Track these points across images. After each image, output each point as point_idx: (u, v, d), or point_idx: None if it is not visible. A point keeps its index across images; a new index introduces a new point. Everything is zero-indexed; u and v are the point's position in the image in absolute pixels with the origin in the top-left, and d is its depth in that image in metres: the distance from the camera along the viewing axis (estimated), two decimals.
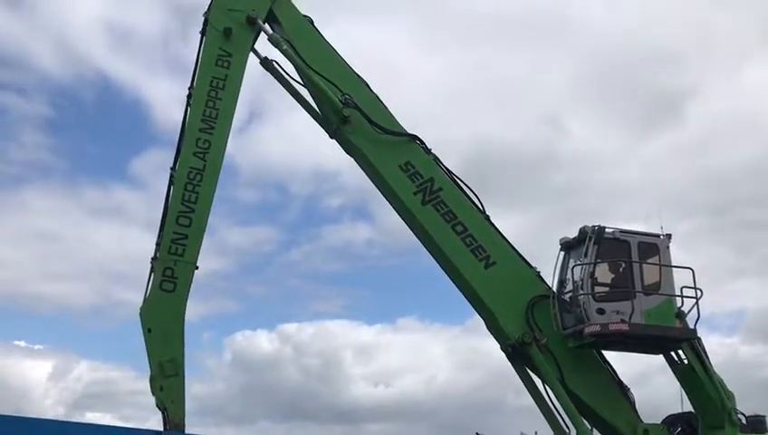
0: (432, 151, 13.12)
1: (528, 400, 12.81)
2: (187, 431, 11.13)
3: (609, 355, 13.15)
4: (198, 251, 11.76)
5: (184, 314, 11.52)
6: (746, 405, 12.97)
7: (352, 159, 13.26)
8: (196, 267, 11.73)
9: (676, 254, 12.87)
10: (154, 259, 11.45)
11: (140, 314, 11.21)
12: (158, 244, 11.63)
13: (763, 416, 12.87)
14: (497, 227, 13.08)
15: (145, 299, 11.32)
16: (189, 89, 12.22)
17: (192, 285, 11.58)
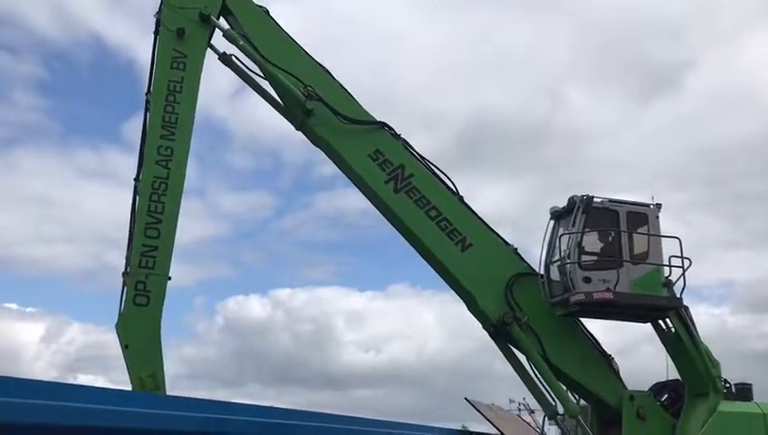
0: (401, 136, 12.87)
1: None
2: (177, 394, 11.27)
3: (597, 325, 13.26)
4: (169, 262, 11.58)
5: (160, 327, 11.46)
6: (733, 374, 13.06)
7: None
8: (169, 278, 11.60)
9: (671, 225, 12.83)
10: (125, 274, 11.32)
11: (116, 329, 11.18)
12: (127, 257, 11.47)
13: (749, 384, 12.97)
14: (472, 207, 12.95)
15: (120, 314, 11.25)
16: (146, 94, 11.85)
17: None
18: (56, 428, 7.77)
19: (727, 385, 12.62)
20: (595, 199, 12.55)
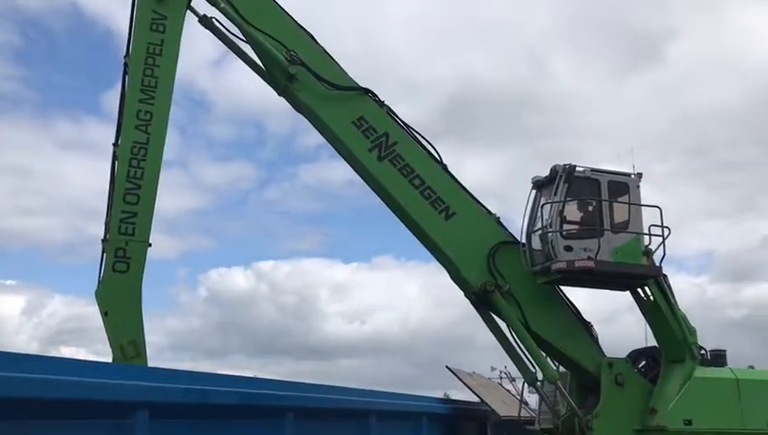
0: (385, 104, 12.75)
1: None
2: (160, 365, 11.24)
3: (578, 293, 13.41)
4: (149, 229, 11.45)
5: (140, 293, 11.36)
6: (710, 341, 13.35)
7: None
8: (149, 245, 11.49)
9: (652, 194, 12.99)
10: (104, 240, 11.18)
11: (96, 296, 11.07)
12: (106, 223, 11.32)
13: (724, 350, 13.27)
14: (455, 176, 12.94)
15: (99, 281, 11.13)
16: (125, 58, 11.58)
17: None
18: (37, 401, 7.72)
19: (703, 352, 12.88)
20: (577, 169, 12.60)
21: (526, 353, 12.51)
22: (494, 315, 12.86)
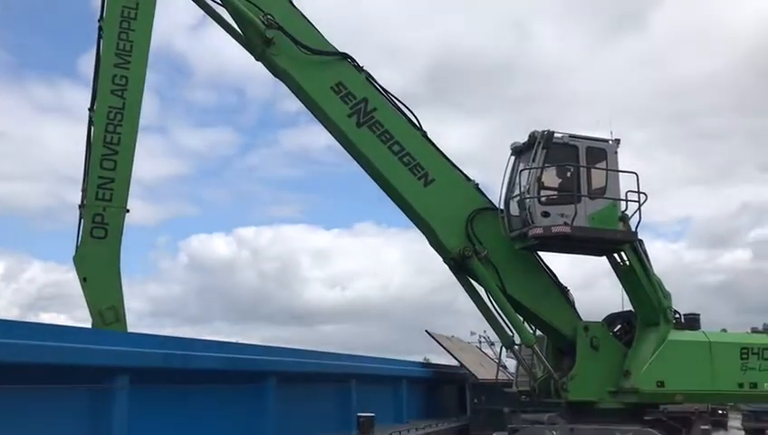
0: (364, 69, 12.65)
1: None
2: (141, 331, 11.29)
3: (556, 259, 13.58)
4: (127, 194, 11.40)
5: (119, 259, 11.34)
6: (686, 306, 13.67)
7: None
8: (127, 211, 11.44)
9: (632, 162, 13.08)
10: (81, 206, 11.10)
11: (74, 262, 11.03)
12: (83, 190, 11.23)
13: (697, 314, 13.54)
14: (434, 142, 12.94)
15: (77, 247, 11.08)
16: (99, 21, 11.35)
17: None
18: (18, 366, 7.75)
19: (677, 315, 13.14)
20: (555, 135, 12.66)
21: (504, 318, 12.68)
22: (472, 280, 12.98)
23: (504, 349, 14.27)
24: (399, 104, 12.80)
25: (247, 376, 12.89)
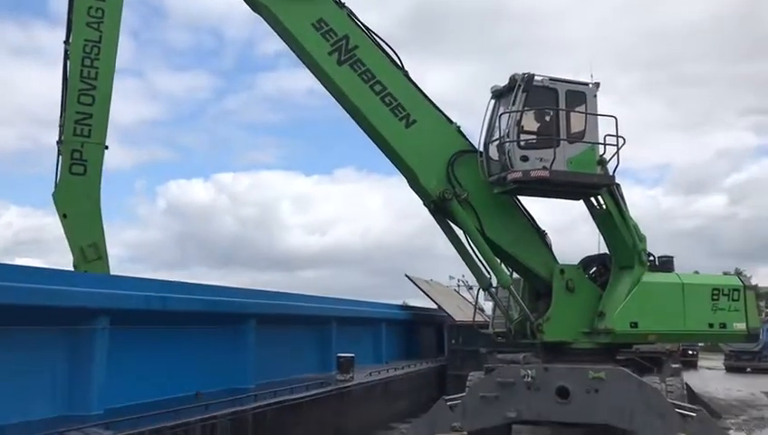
0: (346, 5, 12.37)
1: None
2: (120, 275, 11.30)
3: (536, 202, 13.65)
4: (105, 130, 11.25)
5: (99, 196, 11.22)
6: (662, 250, 13.84)
7: None
8: (106, 147, 11.28)
9: (614, 108, 13.03)
10: (59, 142, 10.92)
11: (53, 199, 10.89)
12: (61, 125, 11.04)
13: (671, 257, 13.75)
14: (416, 83, 12.74)
15: (56, 184, 10.93)
16: None
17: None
18: (1, 307, 7.74)
19: (651, 258, 13.33)
20: (536, 78, 12.56)
21: (482, 260, 12.80)
22: (451, 223, 13.04)
23: (481, 291, 14.48)
24: (382, 43, 12.59)
25: (227, 318, 13.01)
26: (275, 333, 15.09)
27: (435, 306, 25.24)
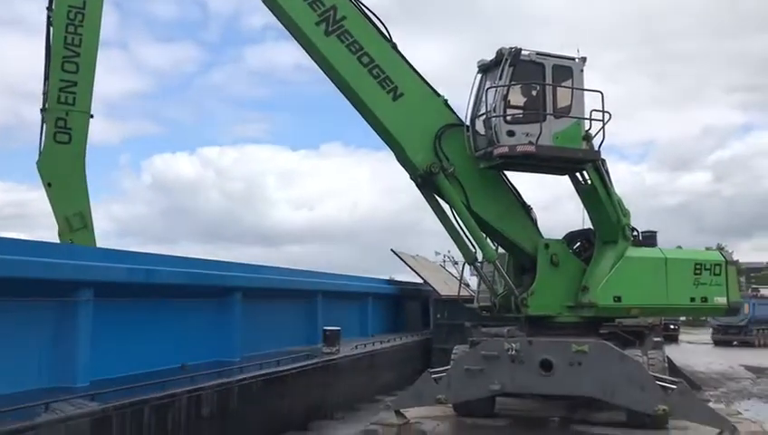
0: None
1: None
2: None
3: (522, 178, 13.69)
4: (90, 99, 11.13)
5: (84, 165, 11.13)
6: (646, 225, 14.02)
7: None
8: (91, 116, 11.17)
9: (600, 84, 13.02)
10: (43, 110, 10.78)
11: (37, 167, 10.79)
12: (45, 93, 10.90)
13: (654, 232, 13.92)
14: (404, 56, 12.68)
15: (40, 152, 10.81)
16: None
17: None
18: None
19: (635, 233, 13.45)
20: (522, 52, 12.53)
21: (467, 234, 12.86)
22: (437, 197, 13.07)
23: (466, 267, 14.56)
24: (370, 14, 12.48)
25: (213, 291, 13.02)
26: (261, 307, 15.13)
27: (421, 281, 25.37)
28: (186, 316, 12.30)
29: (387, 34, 12.57)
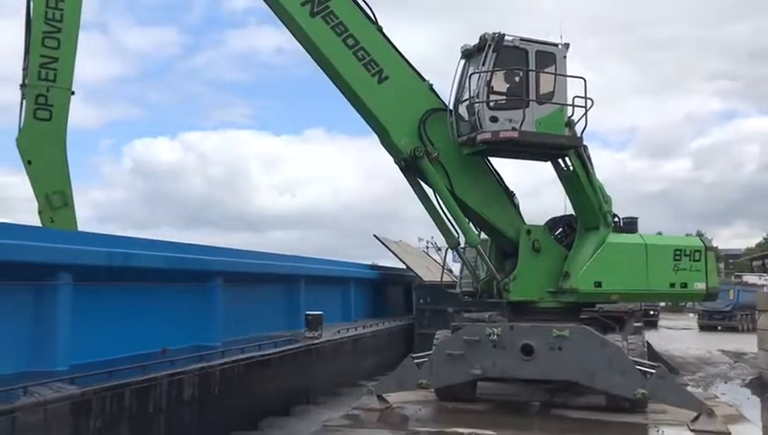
0: None
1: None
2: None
3: (506, 164, 13.71)
4: (72, 75, 10.96)
5: (65, 143, 10.98)
6: (627, 212, 14.07)
7: None
8: (72, 93, 11.00)
9: (583, 71, 13.00)
10: (23, 86, 10.61)
11: (17, 144, 10.63)
12: (25, 69, 10.72)
13: (635, 218, 13.98)
14: (390, 39, 12.60)
15: (20, 129, 10.65)
16: None
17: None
18: None
19: (616, 219, 13.52)
20: (506, 38, 12.51)
21: (450, 219, 12.88)
22: (421, 182, 13.08)
23: (449, 252, 14.60)
24: None
25: (194, 275, 12.96)
26: (243, 292, 15.09)
27: (403, 266, 25.42)
28: (166, 301, 12.24)
29: (373, 17, 12.50)
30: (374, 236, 24.90)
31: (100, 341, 10.25)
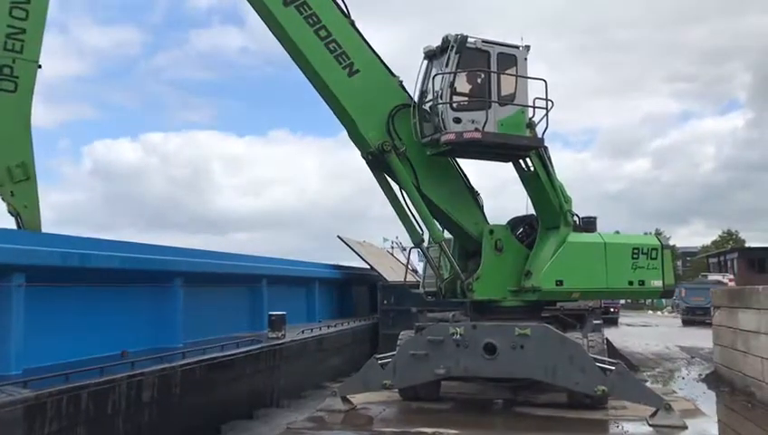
0: None
1: (391, 209, 13.44)
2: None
3: (468, 165, 13.80)
4: (40, 48, 10.75)
5: (30, 116, 10.75)
6: (588, 211, 14.30)
7: None
8: (39, 66, 10.79)
9: (546, 73, 13.13)
10: None
11: None
12: None
13: (594, 217, 14.21)
14: (362, 33, 12.69)
15: None
16: None
17: (38, 87, 10.79)
18: None
19: (576, 219, 13.72)
20: (468, 39, 12.60)
21: (416, 215, 12.94)
22: (388, 177, 13.11)
23: (414, 252, 14.63)
24: None
25: (153, 276, 12.75)
26: (204, 292, 14.91)
27: (368, 267, 25.40)
28: (125, 302, 12.02)
29: (345, 10, 12.53)
30: (338, 237, 24.86)
31: (56, 344, 10.02)
